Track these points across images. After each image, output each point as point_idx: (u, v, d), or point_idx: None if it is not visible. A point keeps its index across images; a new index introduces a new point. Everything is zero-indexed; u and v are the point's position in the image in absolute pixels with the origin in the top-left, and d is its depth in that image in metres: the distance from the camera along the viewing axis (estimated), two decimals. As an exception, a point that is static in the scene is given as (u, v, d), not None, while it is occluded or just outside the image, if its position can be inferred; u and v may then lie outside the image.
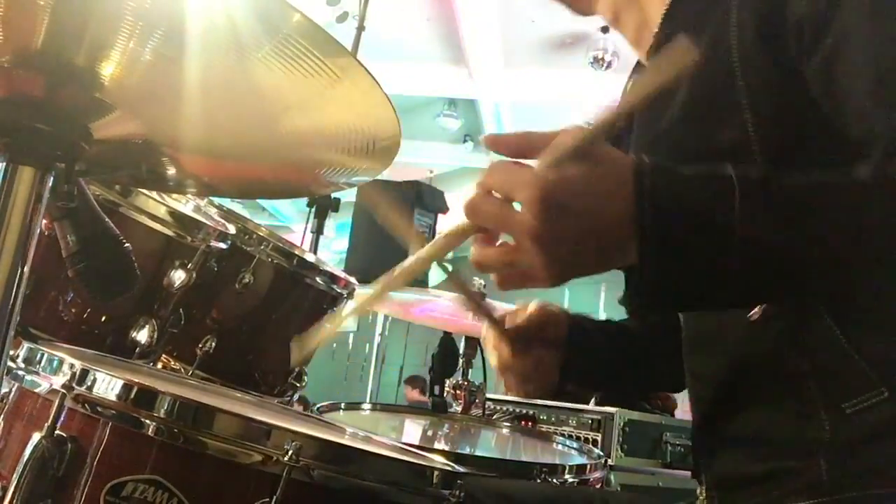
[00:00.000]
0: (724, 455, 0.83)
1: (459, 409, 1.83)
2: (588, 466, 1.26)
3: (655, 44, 0.88)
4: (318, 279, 1.58)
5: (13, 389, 0.88)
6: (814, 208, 0.62)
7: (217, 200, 1.60)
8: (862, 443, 0.69)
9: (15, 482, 0.74)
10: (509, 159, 0.64)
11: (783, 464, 0.74)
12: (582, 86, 6.06)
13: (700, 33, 0.80)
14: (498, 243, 0.67)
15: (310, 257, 1.62)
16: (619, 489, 2.07)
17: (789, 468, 0.73)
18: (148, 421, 0.76)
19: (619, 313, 1.13)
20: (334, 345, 8.37)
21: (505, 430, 1.79)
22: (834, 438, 0.70)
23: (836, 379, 0.71)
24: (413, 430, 1.70)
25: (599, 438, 2.15)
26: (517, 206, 0.62)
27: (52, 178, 0.69)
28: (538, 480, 1.10)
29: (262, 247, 1.49)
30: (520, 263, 0.64)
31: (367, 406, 1.83)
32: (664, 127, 0.82)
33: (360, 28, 3.22)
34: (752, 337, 0.79)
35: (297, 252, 1.57)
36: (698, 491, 0.89)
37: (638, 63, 1.04)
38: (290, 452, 0.74)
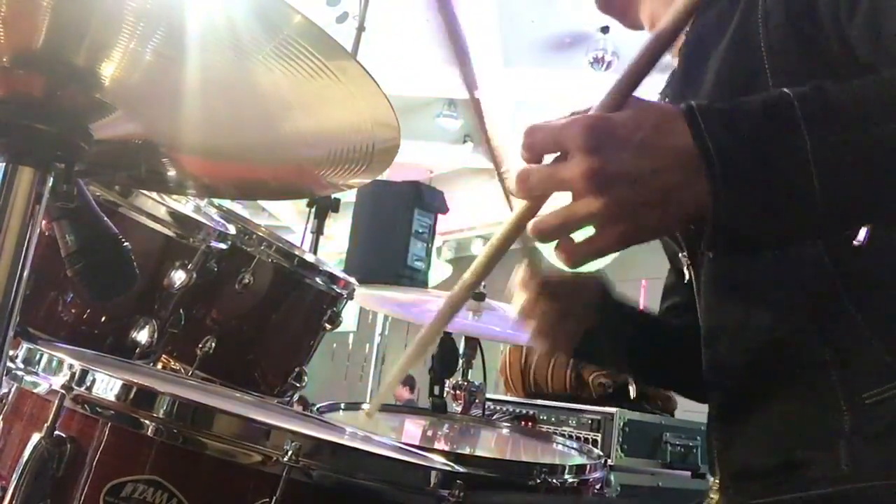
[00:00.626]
0: (741, 446, 0.82)
1: (459, 409, 1.83)
2: (588, 466, 1.25)
3: (685, 44, 0.88)
4: (317, 279, 1.58)
5: (12, 390, 0.88)
6: (875, 104, 0.59)
7: (217, 201, 1.59)
8: (882, 433, 0.68)
9: (14, 482, 0.74)
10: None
11: (802, 454, 0.73)
12: (582, 86, 6.06)
13: (725, 28, 0.79)
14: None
15: (310, 257, 1.62)
16: (619, 489, 2.07)
17: (808, 458, 0.73)
18: (147, 421, 0.76)
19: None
20: (334, 345, 8.37)
21: (505, 431, 1.79)
22: (854, 428, 0.69)
23: (858, 369, 0.71)
24: (413, 430, 1.70)
25: (599, 438, 2.15)
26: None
27: (51, 179, 0.69)
28: (538, 481, 1.10)
29: (262, 247, 1.49)
30: (581, 215, 0.59)
31: (366, 406, 1.83)
32: None
33: (360, 28, 3.21)
34: (774, 325, 0.79)
35: (297, 252, 1.57)
36: (710, 482, 0.88)
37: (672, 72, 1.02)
38: (289, 453, 0.74)
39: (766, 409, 0.79)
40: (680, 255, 0.95)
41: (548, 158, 0.62)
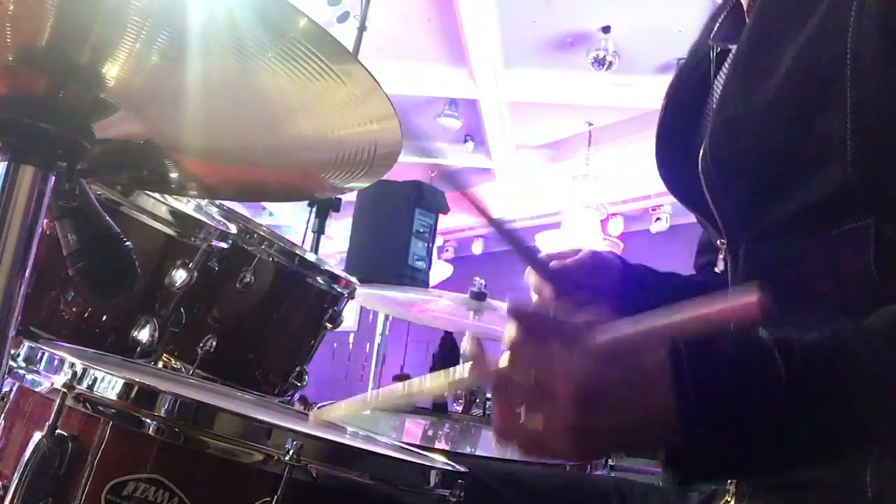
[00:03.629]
0: None
1: (460, 409, 1.83)
2: (588, 466, 1.26)
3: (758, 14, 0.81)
4: (318, 279, 1.58)
5: (14, 388, 0.88)
6: (862, 375, 0.60)
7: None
8: None
9: (16, 481, 0.74)
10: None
11: (826, 473, 0.71)
12: (583, 86, 6.06)
13: (805, 19, 0.73)
14: None
15: (310, 257, 1.62)
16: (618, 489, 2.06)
17: (832, 478, 0.70)
18: (149, 420, 0.76)
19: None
20: (335, 345, 8.36)
21: (505, 431, 1.79)
22: (883, 454, 0.67)
23: None
24: (413, 429, 1.70)
25: (599, 439, 2.15)
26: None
27: (53, 178, 0.69)
28: (538, 480, 1.10)
29: (262, 246, 1.49)
30: (554, 451, 0.62)
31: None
32: (755, 103, 0.76)
33: (362, 28, 3.21)
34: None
35: (297, 251, 1.57)
36: (728, 483, 0.86)
37: (734, 7, 0.93)
38: (290, 452, 0.74)
39: None
40: (718, 241, 0.90)
41: None
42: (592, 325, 0.60)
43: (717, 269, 0.91)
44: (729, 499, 0.84)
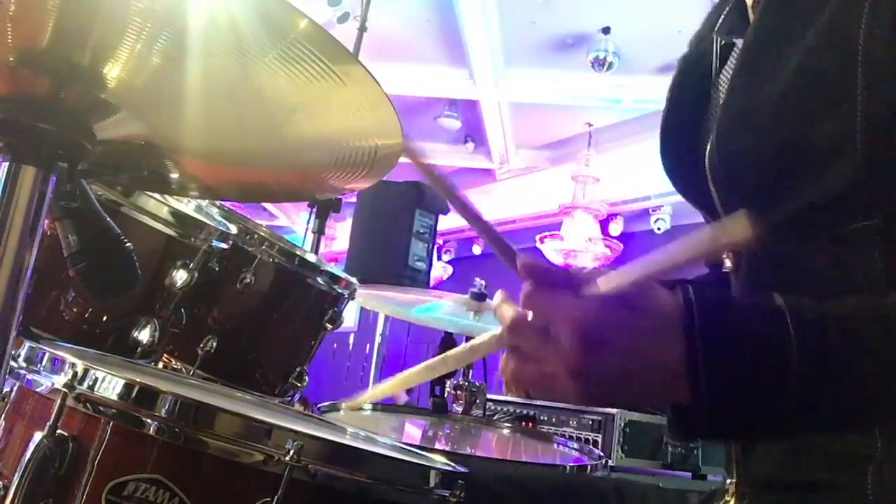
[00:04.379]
0: (764, 455, 0.79)
1: (460, 409, 1.83)
2: (588, 467, 1.26)
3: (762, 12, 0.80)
4: (319, 279, 1.58)
5: (14, 389, 0.88)
6: (873, 343, 0.60)
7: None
8: None
9: (16, 481, 0.74)
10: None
11: (827, 475, 0.70)
12: (583, 87, 6.06)
13: (812, 17, 0.72)
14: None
15: (311, 257, 1.62)
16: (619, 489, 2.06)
17: (833, 480, 0.69)
18: (149, 420, 0.76)
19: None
20: (335, 345, 8.37)
21: (505, 431, 1.79)
22: (885, 457, 0.66)
23: None
24: (414, 430, 1.70)
25: (600, 439, 2.15)
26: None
27: (54, 178, 0.69)
28: (538, 480, 1.10)
29: (263, 247, 1.49)
30: (557, 392, 0.64)
31: (367, 406, 1.84)
32: (764, 97, 0.75)
33: (362, 28, 3.22)
34: None
35: (298, 252, 1.57)
36: (727, 483, 0.86)
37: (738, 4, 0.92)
38: (291, 452, 0.74)
39: None
40: None
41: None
42: (599, 274, 0.63)
43: (724, 269, 0.90)
44: (728, 499, 0.84)
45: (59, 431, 0.76)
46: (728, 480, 0.85)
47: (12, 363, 0.86)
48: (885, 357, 0.60)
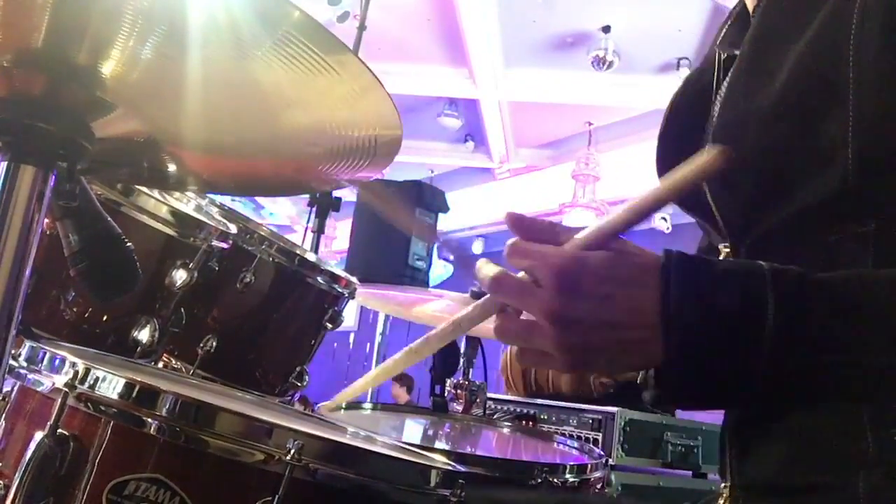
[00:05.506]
0: (757, 457, 0.79)
1: (460, 408, 1.83)
2: (589, 466, 1.25)
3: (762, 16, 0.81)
4: (319, 279, 1.58)
5: (15, 388, 0.88)
6: (855, 311, 0.60)
7: (218, 200, 1.60)
8: None
9: (17, 481, 0.74)
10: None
11: (818, 478, 0.70)
12: (583, 86, 6.07)
13: (805, 20, 0.73)
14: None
15: (311, 257, 1.62)
16: (619, 489, 2.07)
17: (825, 483, 0.69)
18: (150, 420, 0.76)
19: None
20: (335, 344, 8.37)
21: (506, 430, 1.79)
22: (877, 461, 0.65)
23: (888, 397, 0.66)
24: (414, 429, 1.70)
25: (600, 438, 2.15)
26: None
27: (53, 178, 0.69)
28: (539, 480, 1.10)
29: (263, 246, 1.49)
30: (537, 341, 0.65)
31: (367, 406, 1.83)
32: (758, 104, 0.76)
33: (362, 28, 3.22)
34: None
35: (298, 251, 1.57)
36: (722, 486, 0.86)
37: (740, 13, 0.93)
38: (291, 451, 0.74)
39: (788, 424, 0.75)
40: (720, 244, 0.90)
41: None
42: (581, 228, 0.65)
43: None
44: (722, 502, 0.84)
45: (59, 431, 0.76)
46: (722, 484, 0.85)
47: (13, 363, 0.86)
48: (867, 322, 0.60)
